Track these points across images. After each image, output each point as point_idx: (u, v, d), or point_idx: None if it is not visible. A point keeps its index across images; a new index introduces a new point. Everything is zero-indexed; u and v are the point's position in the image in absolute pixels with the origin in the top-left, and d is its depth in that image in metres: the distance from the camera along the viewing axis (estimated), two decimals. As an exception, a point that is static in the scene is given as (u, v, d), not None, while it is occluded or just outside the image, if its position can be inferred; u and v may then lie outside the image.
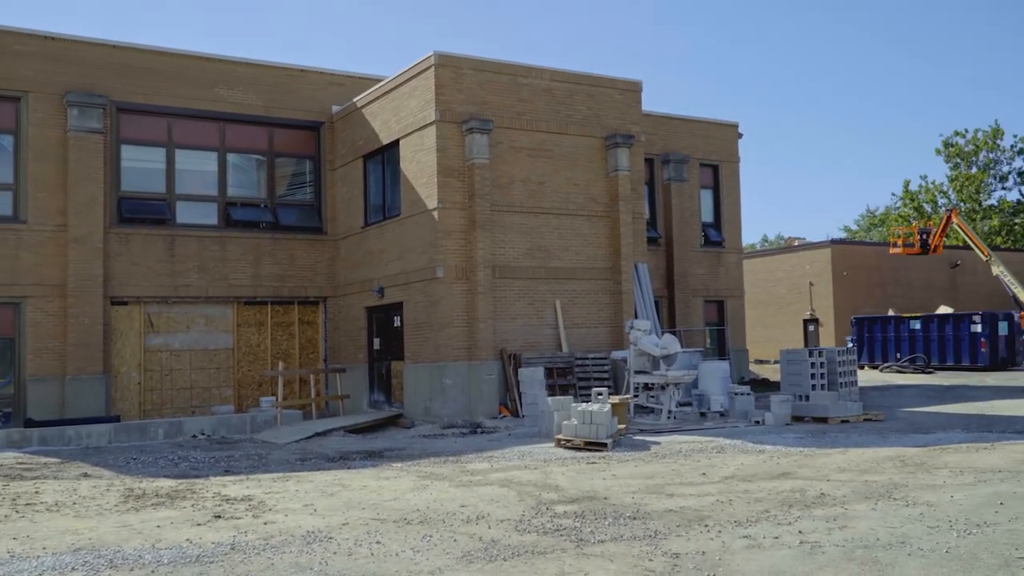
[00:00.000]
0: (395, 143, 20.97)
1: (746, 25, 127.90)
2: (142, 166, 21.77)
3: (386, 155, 21.65)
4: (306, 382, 22.62)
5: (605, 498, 10.13)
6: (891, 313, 38.97)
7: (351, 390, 22.15)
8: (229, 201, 22.54)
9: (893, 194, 78.19)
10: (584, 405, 14.98)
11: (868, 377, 31.02)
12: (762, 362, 37.69)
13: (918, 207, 64.81)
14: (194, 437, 18.25)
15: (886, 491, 10.02)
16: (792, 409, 17.84)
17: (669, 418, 17.87)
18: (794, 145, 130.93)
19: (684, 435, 16.01)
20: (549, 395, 17.85)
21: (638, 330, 18.52)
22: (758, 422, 17.56)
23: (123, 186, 21.29)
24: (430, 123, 19.59)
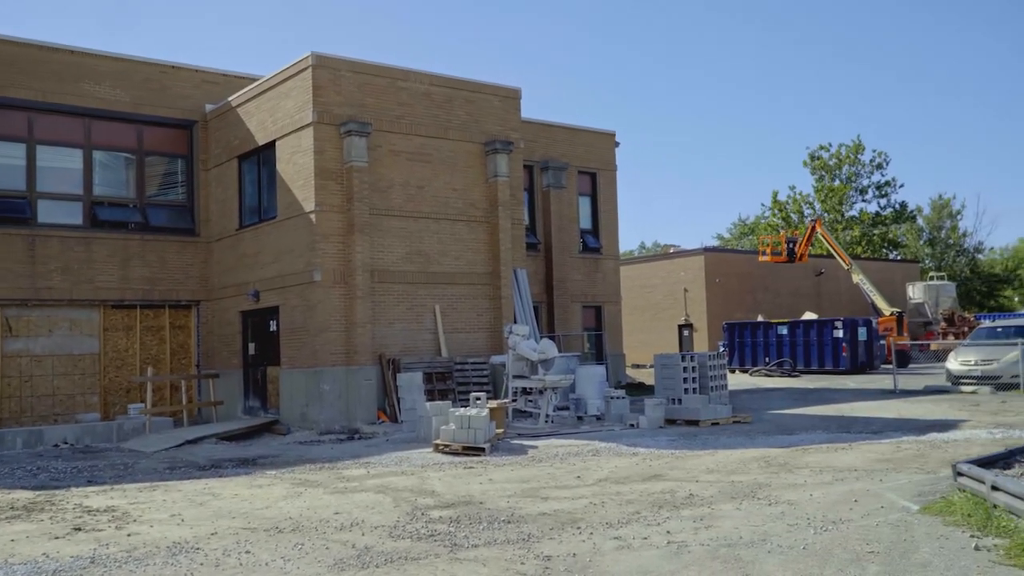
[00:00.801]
0: (271, 144, 20.55)
1: (626, 39, 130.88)
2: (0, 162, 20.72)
3: (262, 156, 21.19)
4: (177, 388, 21.91)
5: (481, 503, 10.18)
6: (760, 319, 40.34)
7: (225, 396, 21.57)
8: (95, 200, 21.63)
9: (763, 204, 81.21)
10: (462, 410, 15.00)
11: (738, 380, 32.04)
12: (639, 366, 38.44)
13: (786, 217, 67.52)
14: (56, 446, 17.46)
15: (751, 491, 10.39)
16: (665, 412, 18.26)
17: (547, 422, 18.06)
18: (670, 155, 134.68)
19: (561, 439, 16.22)
20: (428, 400, 17.79)
21: (517, 335, 18.66)
22: (633, 425, 17.93)
23: (-21, 183, 20.23)
24: (307, 124, 19.29)
